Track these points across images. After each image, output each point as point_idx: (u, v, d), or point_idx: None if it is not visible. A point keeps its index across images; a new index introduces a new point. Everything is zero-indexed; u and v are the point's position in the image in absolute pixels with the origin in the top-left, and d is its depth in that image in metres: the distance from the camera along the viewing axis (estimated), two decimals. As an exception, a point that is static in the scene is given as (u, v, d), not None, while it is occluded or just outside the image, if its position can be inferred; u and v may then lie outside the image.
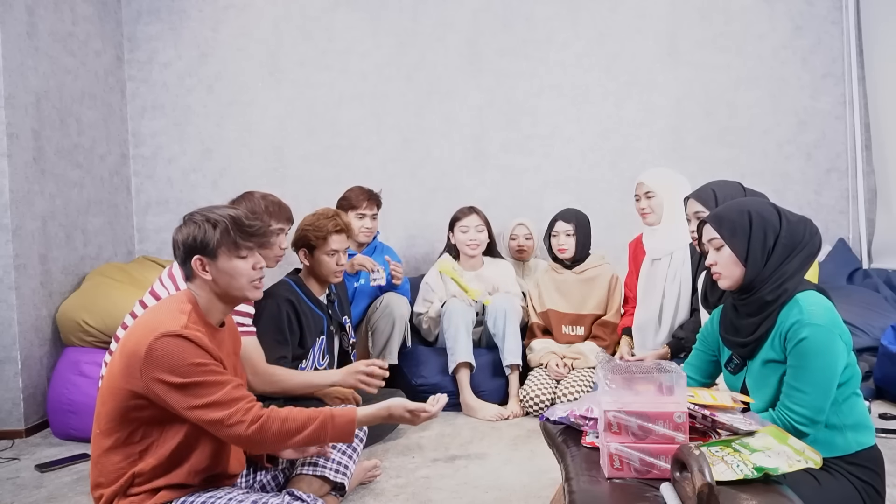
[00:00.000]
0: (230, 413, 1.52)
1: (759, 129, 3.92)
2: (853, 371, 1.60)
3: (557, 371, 3.07)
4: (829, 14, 3.88)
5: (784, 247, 1.61)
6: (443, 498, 2.17)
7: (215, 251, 1.67)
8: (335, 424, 1.65)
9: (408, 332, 3.27)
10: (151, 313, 1.67)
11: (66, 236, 3.35)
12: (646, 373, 1.33)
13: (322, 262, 2.57)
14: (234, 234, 1.68)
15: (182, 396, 1.51)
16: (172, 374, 1.51)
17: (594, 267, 3.29)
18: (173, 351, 1.52)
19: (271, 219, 2.39)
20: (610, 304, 3.25)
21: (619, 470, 1.31)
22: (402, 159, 4.02)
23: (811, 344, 1.52)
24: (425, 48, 3.99)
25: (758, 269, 1.61)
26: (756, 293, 1.62)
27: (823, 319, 1.53)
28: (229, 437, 1.55)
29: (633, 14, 3.95)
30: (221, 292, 1.70)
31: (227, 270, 1.69)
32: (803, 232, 1.62)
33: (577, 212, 3.30)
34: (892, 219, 3.71)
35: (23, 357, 3.00)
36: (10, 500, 2.30)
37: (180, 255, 1.70)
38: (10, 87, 2.98)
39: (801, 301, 1.56)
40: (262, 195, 2.46)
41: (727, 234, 1.65)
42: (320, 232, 2.55)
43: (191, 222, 1.69)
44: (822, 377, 1.52)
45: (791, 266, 1.60)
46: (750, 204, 1.69)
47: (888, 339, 2.94)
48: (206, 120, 4.02)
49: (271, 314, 2.45)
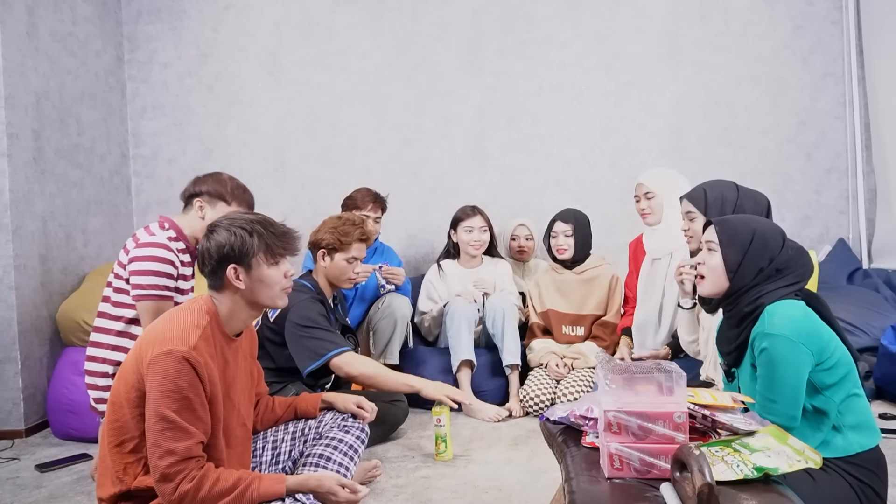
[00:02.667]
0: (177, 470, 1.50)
1: (758, 129, 3.91)
2: (845, 370, 1.60)
3: (557, 371, 3.07)
4: (829, 14, 3.88)
5: (775, 271, 1.65)
6: (443, 498, 2.17)
7: (251, 260, 1.65)
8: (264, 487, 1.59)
9: (409, 332, 3.28)
10: (167, 320, 1.66)
11: (66, 236, 3.35)
12: (646, 373, 1.33)
13: (340, 267, 2.60)
14: (271, 242, 1.67)
15: (155, 425, 1.51)
16: (161, 396, 1.51)
17: (594, 267, 3.29)
18: (171, 372, 1.51)
19: (233, 201, 2.37)
20: (610, 305, 3.24)
21: (619, 470, 1.31)
22: (402, 159, 4.02)
23: (771, 354, 1.55)
24: (425, 48, 3.99)
25: (745, 283, 1.65)
26: (737, 305, 1.67)
27: (785, 329, 1.54)
28: (162, 490, 1.51)
29: (633, 14, 3.95)
30: (250, 301, 1.69)
31: (261, 279, 1.67)
32: (798, 262, 1.66)
33: (576, 212, 3.29)
34: (892, 219, 3.71)
35: (23, 357, 3.00)
36: (10, 500, 2.30)
37: (211, 264, 1.66)
38: (10, 87, 2.98)
39: (768, 312, 1.59)
40: (228, 177, 2.43)
41: (725, 241, 1.68)
42: (346, 238, 2.57)
43: (221, 230, 1.66)
44: (786, 386, 1.54)
45: (773, 286, 1.64)
46: (760, 224, 1.71)
47: (888, 339, 2.94)
48: (206, 120, 4.02)
49: (316, 310, 2.49)
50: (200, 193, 2.35)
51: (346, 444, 2.00)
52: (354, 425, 2.08)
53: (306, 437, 2.03)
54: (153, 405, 1.51)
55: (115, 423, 1.61)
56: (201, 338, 1.58)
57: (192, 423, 1.53)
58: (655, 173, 2.93)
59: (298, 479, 1.66)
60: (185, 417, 1.51)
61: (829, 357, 1.57)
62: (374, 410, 2.05)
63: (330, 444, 1.98)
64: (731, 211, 2.13)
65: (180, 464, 1.50)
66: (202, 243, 1.70)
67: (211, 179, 2.38)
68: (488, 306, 3.22)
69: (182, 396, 1.52)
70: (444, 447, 2.51)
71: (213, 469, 1.56)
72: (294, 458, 2.00)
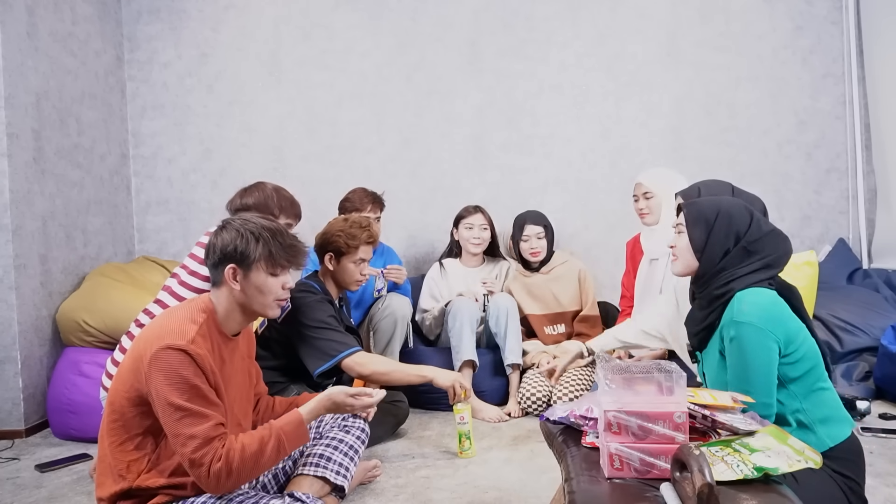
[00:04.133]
0: (203, 454, 1.51)
1: (758, 128, 3.91)
2: (811, 363, 1.59)
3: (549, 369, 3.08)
4: (829, 14, 3.88)
5: (744, 251, 1.64)
6: (443, 498, 2.17)
7: (252, 264, 1.67)
8: (287, 432, 1.66)
9: (409, 332, 3.28)
10: (164, 318, 1.67)
11: (66, 236, 3.35)
12: (646, 373, 1.33)
13: (347, 270, 2.60)
14: (275, 252, 1.68)
15: (169, 417, 1.52)
16: (170, 388, 1.51)
17: (561, 264, 3.34)
18: (174, 364, 1.52)
19: (281, 213, 2.40)
20: (584, 298, 3.28)
21: (619, 470, 1.31)
22: (402, 159, 4.02)
23: (741, 342, 1.55)
24: (425, 48, 3.99)
25: (712, 264, 1.66)
26: (707, 287, 1.67)
27: (752, 317, 1.54)
28: (197, 476, 1.53)
29: (633, 14, 3.95)
30: (243, 304, 1.70)
31: (257, 285, 1.68)
32: (770, 244, 1.64)
33: (540, 213, 3.37)
34: (892, 219, 3.71)
35: (23, 357, 3.00)
36: (10, 500, 2.30)
37: (213, 259, 1.68)
38: (10, 87, 2.98)
39: (737, 298, 1.59)
40: (274, 188, 2.46)
41: (690, 222, 1.70)
42: (354, 241, 2.57)
43: (231, 229, 1.68)
44: (759, 374, 1.54)
45: (743, 269, 1.63)
46: (725, 203, 1.72)
47: (888, 339, 2.94)
48: (206, 120, 4.02)
49: (326, 311, 2.50)
50: (248, 207, 2.35)
51: (347, 444, 2.01)
52: (355, 425, 2.09)
53: (306, 437, 2.04)
54: (163, 398, 1.52)
55: (115, 423, 1.61)
56: (198, 333, 1.59)
57: (206, 407, 1.54)
58: (654, 173, 2.93)
59: (310, 409, 1.78)
60: (197, 403, 1.53)
61: (795, 350, 1.58)
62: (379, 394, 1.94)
63: (330, 444, 1.99)
64: None
65: (204, 447, 1.51)
66: (211, 237, 1.71)
67: (257, 191, 2.39)
68: (492, 305, 3.22)
69: (190, 385, 1.53)
70: (469, 444, 2.52)
71: (234, 440, 1.58)
72: (294, 458, 2.01)
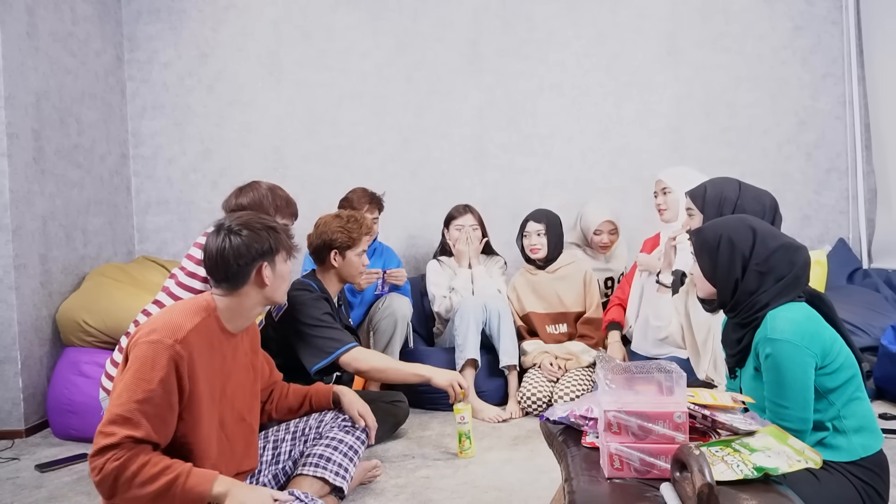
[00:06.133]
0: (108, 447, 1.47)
1: (758, 128, 3.91)
2: (849, 374, 1.59)
3: (551, 370, 3.08)
4: (829, 14, 3.88)
5: (757, 274, 1.62)
6: (443, 498, 2.17)
7: (274, 256, 1.74)
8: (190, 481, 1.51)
9: (409, 332, 3.28)
10: (162, 313, 1.67)
11: (66, 236, 3.35)
12: (646, 373, 1.33)
13: (352, 263, 2.63)
14: (284, 239, 1.77)
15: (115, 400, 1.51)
16: (133, 378, 1.51)
17: (567, 265, 3.32)
18: (149, 359, 1.52)
19: (277, 213, 2.39)
20: (588, 301, 3.27)
21: (619, 470, 1.31)
22: (402, 159, 4.02)
23: (776, 359, 1.54)
24: (425, 48, 3.99)
25: (728, 290, 1.66)
26: (737, 313, 1.67)
27: (787, 334, 1.54)
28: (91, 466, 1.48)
29: (633, 14, 3.95)
30: (268, 297, 1.76)
31: (282, 274, 1.76)
32: (783, 260, 1.62)
33: (547, 212, 3.33)
34: (892, 219, 3.71)
35: (23, 357, 3.00)
36: (10, 500, 2.30)
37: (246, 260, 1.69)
38: (10, 87, 2.98)
39: (770, 316, 1.59)
40: (269, 187, 2.43)
41: (697, 251, 1.72)
42: (354, 234, 2.60)
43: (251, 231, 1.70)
44: (795, 390, 1.53)
45: (766, 295, 1.61)
46: (726, 227, 1.69)
47: (888, 339, 2.94)
48: (206, 120, 4.02)
49: (322, 309, 2.51)
50: (243, 207, 2.35)
51: (347, 444, 2.01)
52: (355, 425, 2.09)
53: (307, 437, 2.04)
54: (124, 382, 1.52)
55: None
56: (193, 331, 1.58)
57: (147, 418, 1.49)
58: (676, 171, 2.97)
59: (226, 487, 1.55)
60: (143, 409, 1.49)
61: (832, 360, 1.56)
62: (373, 429, 2.12)
63: (330, 444, 1.99)
64: (731, 210, 2.13)
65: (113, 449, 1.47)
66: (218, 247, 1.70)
67: (252, 191, 2.39)
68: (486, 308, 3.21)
69: (150, 388, 1.50)
70: (469, 444, 2.52)
71: (147, 453, 1.50)
72: (294, 458, 2.01)
